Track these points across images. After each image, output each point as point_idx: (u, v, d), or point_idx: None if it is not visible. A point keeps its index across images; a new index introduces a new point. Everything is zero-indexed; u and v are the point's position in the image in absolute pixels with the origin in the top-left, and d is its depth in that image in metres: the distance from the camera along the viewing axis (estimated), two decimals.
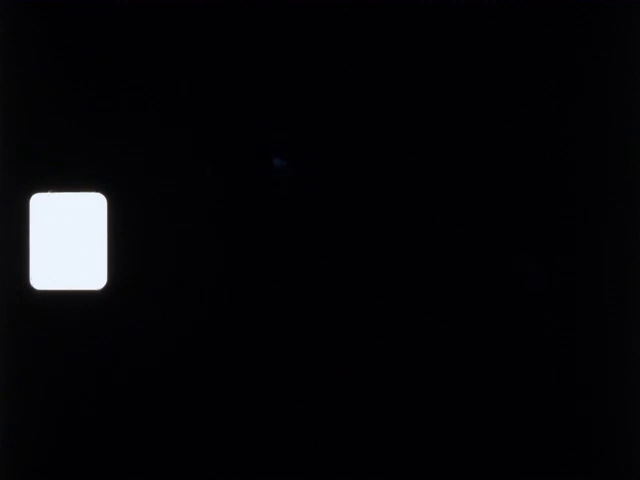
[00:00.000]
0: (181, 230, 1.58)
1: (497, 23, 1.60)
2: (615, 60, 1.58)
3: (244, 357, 1.59)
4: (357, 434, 1.59)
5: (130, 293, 1.57)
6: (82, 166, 1.58)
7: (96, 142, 1.58)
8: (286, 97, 1.61)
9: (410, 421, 1.58)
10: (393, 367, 1.59)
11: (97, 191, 1.57)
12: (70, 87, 1.58)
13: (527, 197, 1.60)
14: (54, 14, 1.57)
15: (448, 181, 1.59)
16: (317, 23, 1.60)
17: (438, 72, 1.60)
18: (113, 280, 1.57)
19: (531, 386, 1.58)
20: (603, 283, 1.58)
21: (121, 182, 1.58)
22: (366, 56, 1.60)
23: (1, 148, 1.57)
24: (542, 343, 1.58)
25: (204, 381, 1.57)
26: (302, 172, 1.60)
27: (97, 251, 1.55)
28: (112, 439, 1.56)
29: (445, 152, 1.60)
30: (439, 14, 1.59)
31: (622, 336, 1.57)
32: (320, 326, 1.59)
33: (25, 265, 1.55)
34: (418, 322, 1.59)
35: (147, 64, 1.58)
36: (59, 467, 1.56)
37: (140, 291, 1.57)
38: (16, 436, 1.55)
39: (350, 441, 1.58)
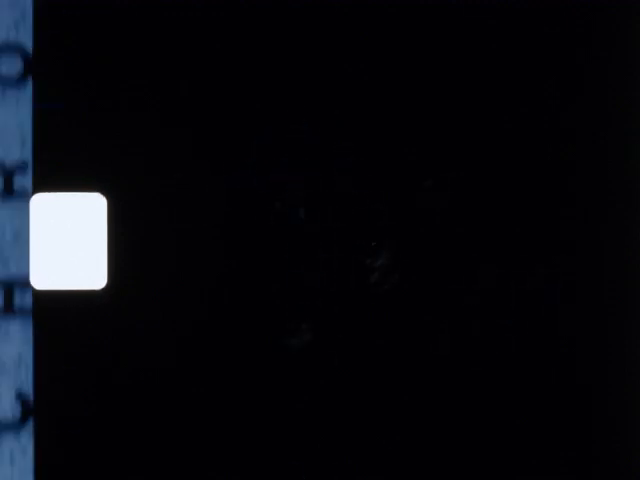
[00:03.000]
0: (181, 230, 1.58)
1: (497, 23, 1.60)
2: (615, 60, 1.59)
3: (243, 356, 1.59)
4: (358, 435, 1.59)
5: (130, 293, 1.57)
6: (82, 166, 1.58)
7: (96, 142, 1.58)
8: (286, 97, 1.61)
9: (412, 422, 1.58)
10: (394, 369, 1.59)
11: (97, 191, 1.57)
12: (70, 87, 1.58)
13: (527, 197, 1.60)
14: (54, 14, 1.57)
15: (448, 181, 1.59)
16: (317, 24, 1.60)
17: (438, 72, 1.61)
18: (113, 280, 1.57)
19: (531, 386, 1.59)
20: (603, 283, 1.58)
21: (121, 182, 1.58)
22: (366, 56, 1.60)
23: None
24: (542, 343, 1.59)
25: (203, 380, 1.57)
26: (301, 174, 1.60)
27: (97, 251, 1.55)
28: (112, 437, 1.56)
29: (444, 152, 1.60)
30: (439, 14, 1.59)
31: (622, 336, 1.57)
32: (319, 326, 1.59)
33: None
34: (418, 324, 1.59)
35: (147, 64, 1.59)
36: (59, 466, 1.56)
37: (140, 291, 1.58)
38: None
39: (350, 443, 1.58)
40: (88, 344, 1.58)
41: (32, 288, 1.57)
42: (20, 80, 1.59)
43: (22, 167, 1.50)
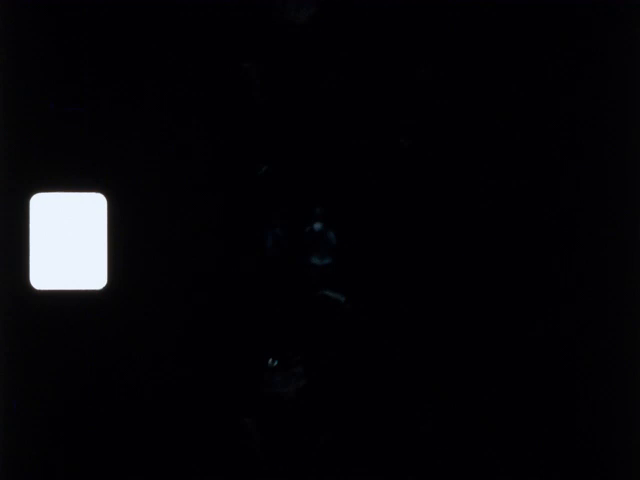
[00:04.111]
0: (180, 230, 1.58)
1: (497, 22, 1.60)
2: (615, 60, 1.59)
3: (243, 356, 1.59)
4: (356, 435, 1.59)
5: (130, 293, 1.57)
6: (82, 166, 1.58)
7: (96, 142, 1.58)
8: (287, 98, 1.61)
9: (412, 421, 1.58)
10: (393, 368, 1.59)
11: (97, 191, 1.57)
12: (70, 86, 1.58)
13: (527, 197, 1.60)
14: (54, 14, 1.57)
15: (447, 181, 1.59)
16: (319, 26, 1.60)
17: (437, 71, 1.61)
18: (113, 280, 1.57)
19: (531, 386, 1.59)
20: (603, 283, 1.58)
21: (121, 182, 1.58)
22: (365, 55, 1.60)
23: (1, 148, 1.57)
24: (542, 343, 1.59)
25: (203, 380, 1.57)
26: (300, 174, 1.60)
27: (97, 251, 1.55)
28: (112, 438, 1.56)
29: (444, 151, 1.60)
30: (439, 13, 1.59)
31: (622, 336, 1.57)
32: (319, 328, 1.59)
33: (25, 265, 1.55)
34: (418, 324, 1.59)
35: (147, 64, 1.59)
36: (59, 466, 1.56)
37: (140, 291, 1.58)
38: (16, 436, 1.55)
39: (348, 442, 1.58)
40: (88, 344, 1.58)
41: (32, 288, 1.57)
42: None
43: None
